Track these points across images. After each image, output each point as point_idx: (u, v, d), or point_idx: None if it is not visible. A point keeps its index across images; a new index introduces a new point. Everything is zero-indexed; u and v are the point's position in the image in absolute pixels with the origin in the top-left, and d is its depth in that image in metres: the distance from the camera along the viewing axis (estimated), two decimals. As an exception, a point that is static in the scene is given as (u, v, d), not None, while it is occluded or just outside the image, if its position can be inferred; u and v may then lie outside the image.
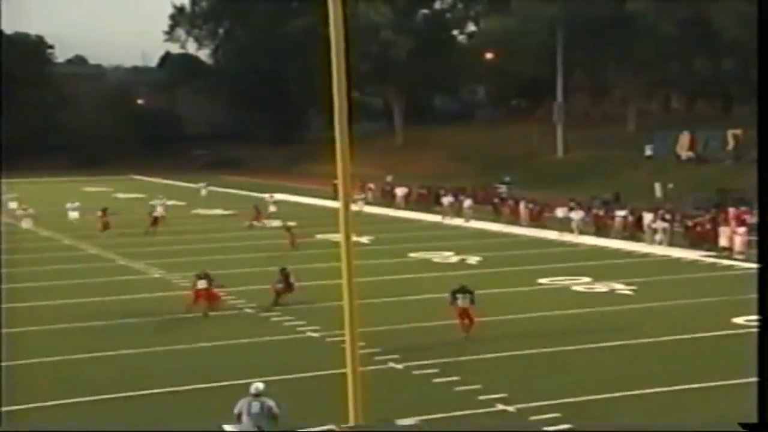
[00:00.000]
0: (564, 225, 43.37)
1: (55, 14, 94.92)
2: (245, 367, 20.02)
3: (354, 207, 53.11)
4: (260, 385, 14.62)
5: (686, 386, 18.96)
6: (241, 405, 14.54)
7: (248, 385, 14.99)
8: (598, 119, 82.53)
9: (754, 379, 18.96)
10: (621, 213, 43.41)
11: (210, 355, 22.14)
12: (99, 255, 38.78)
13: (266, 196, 56.51)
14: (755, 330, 23.80)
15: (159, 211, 47.85)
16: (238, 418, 14.49)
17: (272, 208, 52.19)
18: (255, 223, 47.73)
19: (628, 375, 19.98)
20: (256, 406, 14.37)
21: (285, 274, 27.56)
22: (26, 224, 48.58)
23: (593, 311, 26.74)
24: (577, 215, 43.22)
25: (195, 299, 26.15)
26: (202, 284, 26.18)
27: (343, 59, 12.65)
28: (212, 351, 22.49)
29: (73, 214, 49.85)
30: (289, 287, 27.32)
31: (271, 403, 14.44)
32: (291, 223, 42.28)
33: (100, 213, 45.53)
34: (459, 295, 23.25)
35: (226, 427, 14.70)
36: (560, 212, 44.52)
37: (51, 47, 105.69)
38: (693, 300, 28.16)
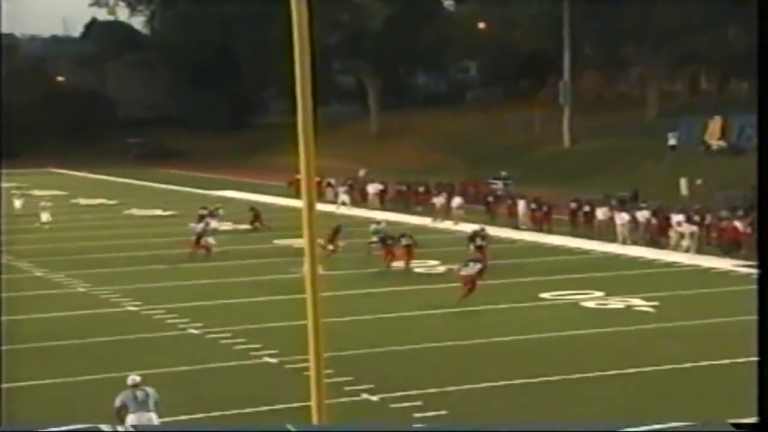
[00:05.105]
0: (603, 230, 43.46)
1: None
2: (189, 401, 19.97)
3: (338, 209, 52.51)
4: (137, 377, 16.83)
5: (713, 421, 19.10)
6: (123, 398, 16.50)
7: (194, 421, 15.16)
8: (613, 102, 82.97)
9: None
10: (641, 214, 43.62)
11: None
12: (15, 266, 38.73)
13: None
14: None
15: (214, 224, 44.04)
16: (119, 412, 16.40)
17: None
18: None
19: (644, 406, 20.13)
20: (141, 395, 16.47)
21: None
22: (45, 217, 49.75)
23: (606, 332, 26.94)
24: (621, 218, 42.93)
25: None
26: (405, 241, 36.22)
27: (307, 29, 12.71)
28: (151, 381, 22.41)
29: None
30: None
31: (150, 390, 16.59)
32: None
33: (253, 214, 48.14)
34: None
35: (104, 427, 15.75)
36: (601, 213, 44.55)
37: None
38: (725, 319, 28.33)
